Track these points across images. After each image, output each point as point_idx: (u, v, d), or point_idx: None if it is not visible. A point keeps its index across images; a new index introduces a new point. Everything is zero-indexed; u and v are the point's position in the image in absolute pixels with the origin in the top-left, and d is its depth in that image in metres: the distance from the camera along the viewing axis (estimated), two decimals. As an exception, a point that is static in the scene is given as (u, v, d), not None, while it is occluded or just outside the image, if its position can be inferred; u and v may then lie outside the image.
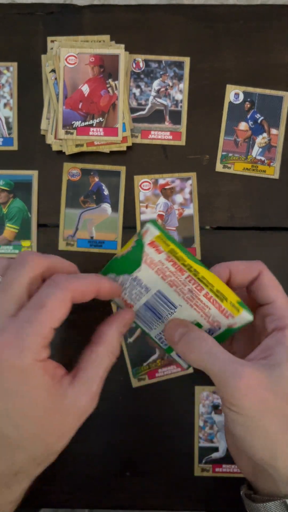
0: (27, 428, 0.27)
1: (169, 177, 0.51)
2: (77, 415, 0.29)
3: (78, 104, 0.50)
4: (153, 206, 0.51)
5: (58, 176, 0.51)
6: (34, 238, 0.51)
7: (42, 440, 0.28)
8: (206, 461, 0.49)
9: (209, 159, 0.51)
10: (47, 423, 0.27)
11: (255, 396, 0.29)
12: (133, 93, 0.51)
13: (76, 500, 0.49)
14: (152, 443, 0.50)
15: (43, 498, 0.49)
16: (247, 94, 0.51)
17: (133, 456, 0.50)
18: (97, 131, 0.50)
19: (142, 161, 0.51)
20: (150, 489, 0.49)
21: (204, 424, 0.50)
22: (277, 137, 0.51)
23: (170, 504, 0.49)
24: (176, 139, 0.51)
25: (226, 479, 0.49)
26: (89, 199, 0.51)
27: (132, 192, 0.51)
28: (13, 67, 0.51)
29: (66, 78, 0.49)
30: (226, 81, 0.51)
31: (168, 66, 0.51)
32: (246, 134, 0.51)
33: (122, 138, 0.50)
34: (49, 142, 0.50)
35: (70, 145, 0.50)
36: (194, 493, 0.49)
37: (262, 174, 0.51)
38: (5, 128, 0.51)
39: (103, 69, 0.49)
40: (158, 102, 0.51)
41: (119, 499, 0.49)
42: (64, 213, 0.51)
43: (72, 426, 0.29)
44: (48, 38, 0.50)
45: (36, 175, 0.51)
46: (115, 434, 0.50)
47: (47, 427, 0.28)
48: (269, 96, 0.51)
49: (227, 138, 0.51)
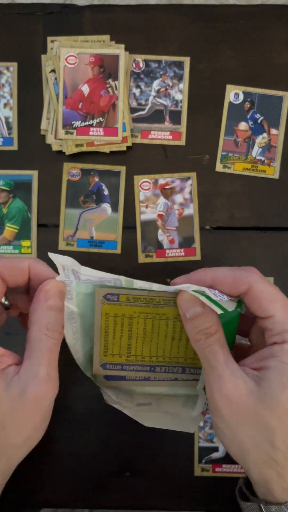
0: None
1: (169, 177, 0.51)
2: (31, 403, 0.27)
3: (78, 104, 0.50)
4: (153, 206, 0.51)
5: (58, 176, 0.51)
6: (34, 238, 0.51)
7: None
8: (206, 461, 0.49)
9: (209, 159, 0.51)
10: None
11: (234, 407, 0.28)
12: (133, 93, 0.51)
13: (76, 500, 0.49)
14: (152, 443, 0.50)
15: (43, 498, 0.49)
16: (247, 94, 0.51)
17: (133, 456, 0.49)
18: (97, 131, 0.50)
19: (142, 161, 0.51)
20: (150, 489, 0.49)
21: (204, 424, 0.50)
22: (277, 137, 0.51)
23: (170, 504, 0.49)
24: (176, 139, 0.51)
25: (226, 479, 0.49)
26: (89, 199, 0.51)
27: (132, 192, 0.51)
28: (13, 67, 0.51)
29: (66, 78, 0.49)
30: (226, 81, 0.51)
31: (168, 66, 0.51)
32: (246, 134, 0.51)
33: (122, 138, 0.50)
34: (49, 142, 0.50)
35: (70, 145, 0.50)
36: (194, 493, 0.49)
37: (262, 174, 0.51)
38: (5, 128, 0.51)
39: (103, 69, 0.50)
40: (158, 102, 0.51)
41: (119, 499, 0.49)
42: (64, 213, 0.51)
43: (29, 416, 0.28)
44: (48, 38, 0.50)
45: (36, 175, 0.51)
46: (115, 434, 0.49)
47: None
48: (269, 96, 0.51)
49: (227, 138, 0.51)
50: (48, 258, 0.51)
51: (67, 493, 0.49)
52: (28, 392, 0.27)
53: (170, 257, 0.50)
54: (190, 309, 0.30)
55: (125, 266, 0.50)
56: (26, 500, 0.49)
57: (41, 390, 0.27)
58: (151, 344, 0.33)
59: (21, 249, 0.51)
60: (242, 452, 0.29)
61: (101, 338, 0.32)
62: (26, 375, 0.28)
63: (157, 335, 0.33)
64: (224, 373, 0.29)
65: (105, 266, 0.51)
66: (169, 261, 0.50)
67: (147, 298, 0.31)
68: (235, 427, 0.29)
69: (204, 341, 0.30)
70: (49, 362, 0.28)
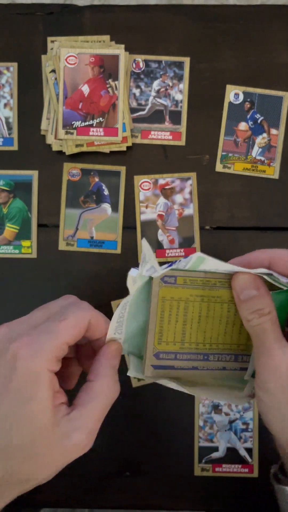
0: (18, 434, 0.27)
1: (169, 177, 0.51)
2: (69, 450, 0.28)
3: (78, 104, 0.50)
4: (153, 206, 0.51)
5: (58, 176, 0.51)
6: (34, 238, 0.51)
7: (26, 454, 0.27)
8: (206, 461, 0.49)
9: (209, 159, 0.51)
10: (35, 441, 0.27)
11: (281, 379, 0.29)
12: (133, 93, 0.51)
13: (76, 500, 0.49)
14: (152, 443, 0.50)
15: (43, 498, 0.49)
16: (247, 94, 0.51)
17: (133, 456, 0.50)
18: (97, 131, 0.50)
19: (142, 161, 0.51)
20: (150, 489, 0.49)
21: (204, 424, 0.50)
22: (277, 137, 0.51)
23: (170, 504, 0.49)
24: (176, 139, 0.51)
25: (226, 479, 0.49)
26: (89, 199, 0.51)
27: (132, 192, 0.51)
28: (13, 67, 0.51)
29: (66, 78, 0.49)
30: (226, 81, 0.51)
31: (168, 66, 0.51)
32: (246, 134, 0.51)
33: (122, 138, 0.50)
34: (49, 142, 0.50)
35: (70, 145, 0.50)
36: (194, 493, 0.49)
37: (262, 174, 0.51)
38: (5, 128, 0.51)
39: (103, 69, 0.50)
40: (158, 102, 0.51)
41: (119, 499, 0.49)
42: (64, 213, 0.51)
43: (60, 459, 0.28)
44: (48, 38, 0.50)
45: (36, 175, 0.51)
46: (115, 434, 0.50)
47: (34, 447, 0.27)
48: (269, 96, 0.51)
49: (227, 138, 0.51)
50: (49, 258, 0.51)
51: (67, 493, 0.49)
52: (72, 438, 0.27)
53: (170, 257, 0.50)
54: (244, 291, 0.30)
55: (125, 266, 0.50)
56: (26, 500, 0.49)
57: (83, 441, 0.28)
58: (205, 329, 0.33)
59: (21, 249, 0.51)
60: (286, 427, 0.29)
61: (156, 324, 0.32)
62: (76, 422, 0.28)
63: (212, 319, 0.32)
64: (273, 347, 0.29)
65: (105, 266, 0.51)
66: (169, 261, 0.50)
67: (204, 280, 0.31)
68: (280, 400, 0.29)
69: (256, 320, 0.30)
70: (99, 418, 0.29)
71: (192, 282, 0.31)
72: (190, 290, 0.31)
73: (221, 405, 0.50)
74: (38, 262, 0.51)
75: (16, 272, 0.51)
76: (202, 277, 0.31)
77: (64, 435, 0.27)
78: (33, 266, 0.51)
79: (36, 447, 0.27)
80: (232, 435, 0.50)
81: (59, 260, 0.51)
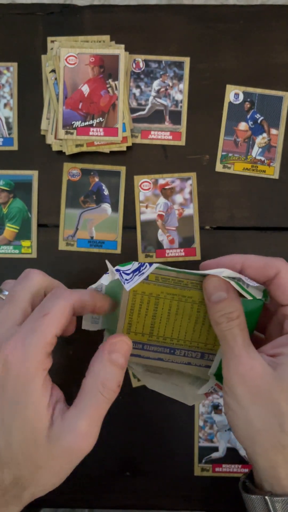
0: (17, 440, 0.27)
1: (169, 177, 0.51)
2: (60, 453, 0.27)
3: (78, 104, 0.50)
4: (153, 206, 0.51)
5: (58, 176, 0.51)
6: (34, 238, 0.51)
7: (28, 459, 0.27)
8: (206, 461, 0.49)
9: (209, 159, 0.51)
10: (31, 446, 0.27)
11: (248, 386, 0.29)
12: (133, 93, 0.51)
13: (76, 500, 0.49)
14: (152, 443, 0.50)
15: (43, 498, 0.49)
16: (247, 94, 0.51)
17: (133, 456, 0.50)
18: (97, 131, 0.50)
19: (142, 161, 0.51)
20: (150, 489, 0.49)
21: (204, 424, 0.50)
22: (277, 137, 0.51)
23: (170, 504, 0.49)
24: (176, 139, 0.51)
25: (226, 479, 0.49)
26: (89, 199, 0.51)
27: (132, 192, 0.51)
28: (13, 67, 0.51)
29: (66, 78, 0.49)
30: (226, 81, 0.51)
31: (168, 66, 0.51)
32: (246, 134, 0.51)
33: (122, 138, 0.50)
34: (49, 142, 0.50)
35: (70, 145, 0.50)
36: (194, 493, 0.49)
37: (262, 174, 0.51)
38: (5, 128, 0.51)
39: (103, 69, 0.50)
40: (158, 102, 0.51)
41: (119, 499, 0.49)
42: (64, 213, 0.51)
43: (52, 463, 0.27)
44: (48, 38, 0.50)
45: (36, 175, 0.51)
46: (115, 434, 0.50)
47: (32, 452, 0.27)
48: (269, 96, 0.51)
49: (227, 138, 0.51)
50: (49, 258, 0.51)
51: (67, 493, 0.49)
52: (62, 441, 0.27)
53: (170, 257, 0.51)
54: (214, 294, 0.31)
55: (125, 266, 0.50)
56: (26, 500, 0.49)
57: (75, 444, 0.27)
58: (173, 326, 0.33)
59: (21, 249, 0.51)
60: (251, 434, 0.29)
61: (126, 314, 0.33)
62: (68, 424, 0.27)
63: (181, 317, 0.33)
64: (241, 353, 0.29)
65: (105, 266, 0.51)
66: (169, 261, 0.50)
67: (176, 279, 0.32)
68: (247, 406, 0.29)
69: (225, 325, 0.30)
70: (92, 419, 0.27)
71: (164, 280, 0.32)
72: (162, 288, 0.32)
73: (221, 405, 0.50)
74: (38, 262, 0.51)
75: (16, 272, 0.51)
76: (174, 276, 0.32)
77: (55, 438, 0.27)
78: (33, 266, 0.51)
79: (34, 452, 0.27)
80: (232, 435, 0.50)
81: (59, 260, 0.51)
